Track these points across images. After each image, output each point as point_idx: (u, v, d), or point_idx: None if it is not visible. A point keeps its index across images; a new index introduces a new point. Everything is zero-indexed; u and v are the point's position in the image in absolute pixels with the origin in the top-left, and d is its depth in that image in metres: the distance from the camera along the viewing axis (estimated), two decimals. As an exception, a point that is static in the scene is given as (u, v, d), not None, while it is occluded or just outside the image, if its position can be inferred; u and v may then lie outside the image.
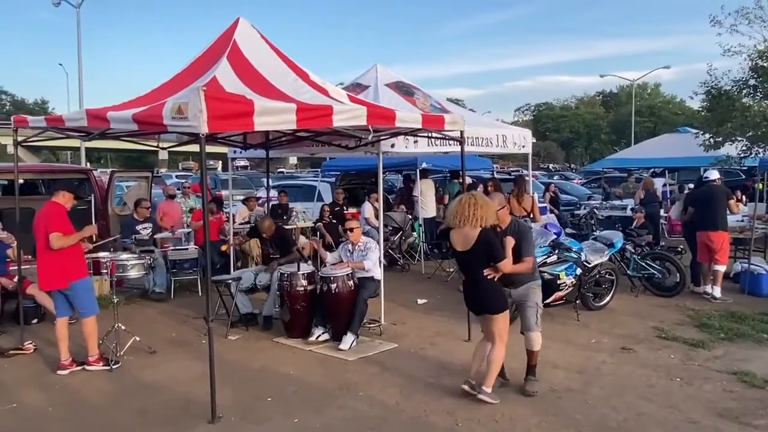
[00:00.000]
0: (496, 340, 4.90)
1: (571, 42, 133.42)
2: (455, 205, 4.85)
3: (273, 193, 12.02)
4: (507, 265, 4.77)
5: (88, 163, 32.23)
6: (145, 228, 9.34)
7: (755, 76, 10.37)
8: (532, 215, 9.00)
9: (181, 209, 10.93)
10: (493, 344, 4.92)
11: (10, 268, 7.25)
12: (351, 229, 6.95)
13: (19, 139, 6.48)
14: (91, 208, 9.55)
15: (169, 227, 9.76)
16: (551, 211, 13.32)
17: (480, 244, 4.71)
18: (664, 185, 16.01)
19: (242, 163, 40.77)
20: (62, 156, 63.20)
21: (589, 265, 7.56)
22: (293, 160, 52.84)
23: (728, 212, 8.61)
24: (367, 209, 11.16)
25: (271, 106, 5.03)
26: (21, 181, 7.65)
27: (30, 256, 6.54)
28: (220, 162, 45.50)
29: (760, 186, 10.02)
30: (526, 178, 10.00)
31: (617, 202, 14.88)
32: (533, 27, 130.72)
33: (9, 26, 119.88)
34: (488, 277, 4.77)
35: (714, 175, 8.90)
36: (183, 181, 19.26)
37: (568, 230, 11.04)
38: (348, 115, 5.50)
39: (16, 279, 6.91)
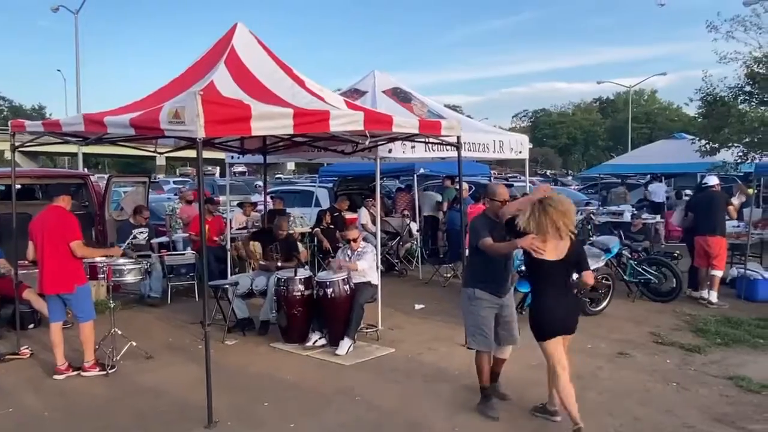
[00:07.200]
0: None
1: (568, 49, 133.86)
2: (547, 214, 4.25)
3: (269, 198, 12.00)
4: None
5: (86, 169, 32.20)
6: (142, 232, 9.32)
7: (751, 82, 10.44)
8: None
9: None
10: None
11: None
12: (354, 240, 6.96)
13: (16, 144, 6.45)
14: (89, 213, 9.54)
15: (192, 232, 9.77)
16: None
17: (571, 253, 4.36)
18: (667, 190, 16.09)
19: (240, 168, 40.73)
20: (60, 161, 63.16)
21: (586, 271, 7.56)
22: (291, 165, 52.86)
23: (727, 218, 8.64)
24: (364, 215, 11.16)
25: (269, 111, 5.05)
26: (18, 186, 7.60)
27: (26, 262, 6.51)
28: (218, 168, 45.52)
29: (751, 191, 10.06)
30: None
31: (614, 208, 14.93)
32: (530, 34, 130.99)
33: (7, 33, 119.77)
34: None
35: (713, 180, 8.92)
36: (180, 186, 19.26)
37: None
38: (345, 120, 5.52)
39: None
